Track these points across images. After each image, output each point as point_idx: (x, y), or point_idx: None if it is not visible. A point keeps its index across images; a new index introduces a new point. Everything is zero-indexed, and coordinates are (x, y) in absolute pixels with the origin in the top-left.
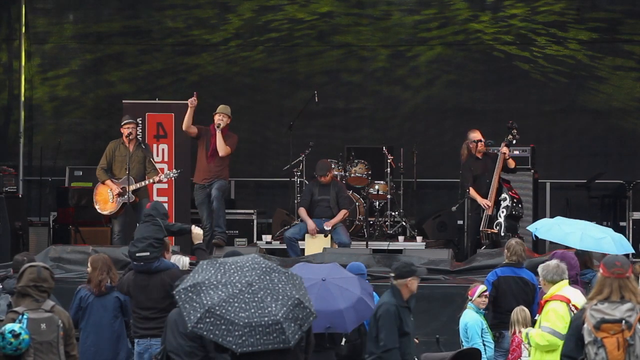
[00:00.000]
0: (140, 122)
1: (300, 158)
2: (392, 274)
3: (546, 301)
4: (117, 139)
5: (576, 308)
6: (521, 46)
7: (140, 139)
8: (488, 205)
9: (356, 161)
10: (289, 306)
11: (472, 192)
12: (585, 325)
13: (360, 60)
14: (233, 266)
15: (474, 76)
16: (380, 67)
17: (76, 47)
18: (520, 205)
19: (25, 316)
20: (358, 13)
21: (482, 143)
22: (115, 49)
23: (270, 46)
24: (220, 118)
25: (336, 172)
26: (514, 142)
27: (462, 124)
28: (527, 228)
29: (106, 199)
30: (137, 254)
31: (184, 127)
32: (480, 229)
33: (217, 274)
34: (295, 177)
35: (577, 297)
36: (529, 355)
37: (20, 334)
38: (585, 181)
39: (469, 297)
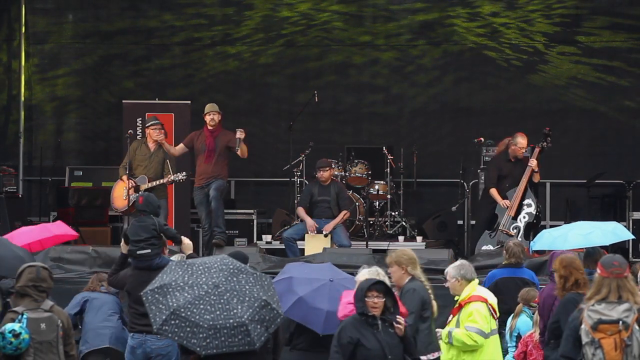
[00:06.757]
0: (140, 121)
1: (300, 158)
2: None
3: (465, 302)
4: (140, 139)
5: (492, 307)
6: (521, 47)
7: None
8: (507, 206)
9: (356, 161)
10: (255, 308)
11: (494, 192)
12: (582, 326)
13: (361, 60)
14: (201, 267)
15: (474, 76)
16: (381, 68)
17: (76, 47)
18: (540, 215)
19: (24, 316)
20: (358, 13)
21: (522, 151)
22: (115, 49)
23: (272, 46)
24: (212, 117)
25: (336, 172)
26: (546, 148)
27: (462, 123)
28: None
29: (121, 195)
30: (139, 252)
31: (176, 154)
32: (500, 228)
33: (184, 276)
34: (295, 177)
35: (491, 296)
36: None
37: (20, 333)
38: (585, 181)
39: (533, 304)
